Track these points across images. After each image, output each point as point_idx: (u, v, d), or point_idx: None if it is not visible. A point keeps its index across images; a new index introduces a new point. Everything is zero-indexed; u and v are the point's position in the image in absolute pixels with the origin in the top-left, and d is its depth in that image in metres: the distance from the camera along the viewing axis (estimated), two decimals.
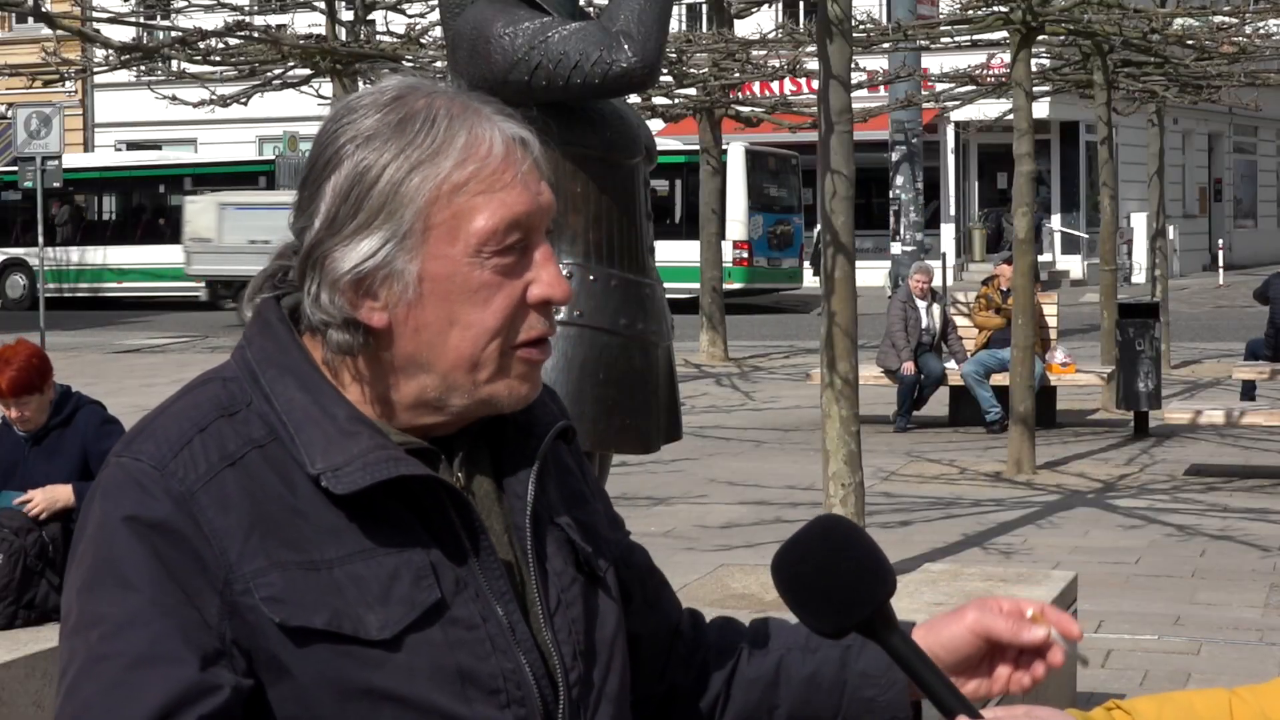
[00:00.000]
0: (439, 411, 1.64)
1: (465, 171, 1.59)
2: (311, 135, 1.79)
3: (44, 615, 5.99)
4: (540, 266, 1.63)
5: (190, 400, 1.63)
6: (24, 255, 33.12)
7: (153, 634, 1.52)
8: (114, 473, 1.59)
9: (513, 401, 1.65)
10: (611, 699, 1.71)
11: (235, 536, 1.55)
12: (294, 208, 1.64)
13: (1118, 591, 8.42)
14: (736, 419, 15.42)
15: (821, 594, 1.66)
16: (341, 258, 1.59)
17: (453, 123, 1.60)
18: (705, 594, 8.48)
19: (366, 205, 1.58)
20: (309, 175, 1.62)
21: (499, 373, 1.63)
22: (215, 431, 1.59)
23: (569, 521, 1.74)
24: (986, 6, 13.70)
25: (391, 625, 1.56)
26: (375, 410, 1.64)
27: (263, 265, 1.70)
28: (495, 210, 1.60)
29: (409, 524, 1.60)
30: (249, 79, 18.33)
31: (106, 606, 1.53)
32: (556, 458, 1.77)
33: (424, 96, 1.62)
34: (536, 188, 1.63)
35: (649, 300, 4.29)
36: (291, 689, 1.56)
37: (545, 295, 1.63)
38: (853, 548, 1.67)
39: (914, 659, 1.66)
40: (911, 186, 18.71)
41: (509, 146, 1.62)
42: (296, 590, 1.55)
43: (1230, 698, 1.76)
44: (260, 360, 1.64)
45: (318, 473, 1.58)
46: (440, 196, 1.59)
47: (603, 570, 1.75)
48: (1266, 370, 13.57)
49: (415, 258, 1.59)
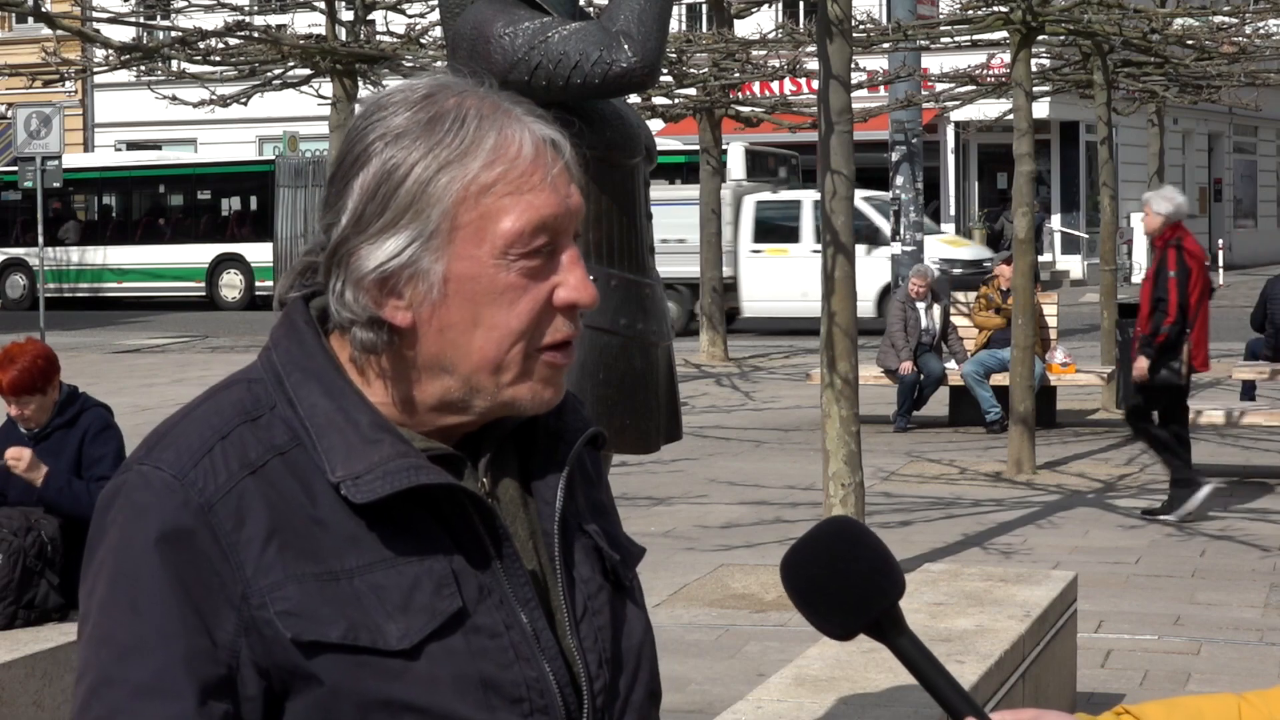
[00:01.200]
0: (462, 412, 1.63)
1: (493, 173, 1.58)
2: (312, 135, 1.79)
3: (44, 615, 5.99)
4: (567, 270, 1.62)
5: (214, 405, 1.62)
6: (24, 255, 33.12)
7: (157, 664, 1.52)
8: (134, 480, 1.58)
9: (535, 405, 1.63)
10: (637, 709, 1.69)
11: (253, 549, 1.54)
12: (323, 204, 1.64)
13: (1118, 591, 8.42)
14: (736, 419, 15.42)
15: (830, 596, 1.66)
16: (367, 256, 1.58)
17: (482, 123, 1.59)
18: (705, 594, 8.49)
19: (393, 204, 1.57)
20: (337, 171, 1.61)
21: (522, 375, 1.61)
22: (237, 438, 1.58)
23: (597, 529, 1.72)
24: (986, 6, 13.69)
25: (412, 635, 1.55)
26: (399, 410, 1.63)
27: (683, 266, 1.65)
28: (522, 212, 1.58)
29: (431, 532, 1.59)
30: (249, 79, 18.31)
31: (118, 628, 1.54)
32: (583, 466, 1.76)
33: (455, 95, 1.61)
34: (566, 190, 1.62)
35: (649, 300, 4.29)
36: (311, 702, 1.55)
37: (572, 299, 1.62)
38: (862, 549, 1.67)
39: (922, 661, 1.65)
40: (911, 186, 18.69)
41: (539, 148, 1.61)
42: (313, 603, 1.54)
43: (1239, 703, 1.76)
44: (285, 363, 1.63)
45: (338, 480, 1.57)
46: (468, 197, 1.58)
47: (629, 579, 1.74)
48: (1266, 370, 13.57)
49: (441, 258, 1.58)
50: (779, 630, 7.61)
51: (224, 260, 33.22)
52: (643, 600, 1.77)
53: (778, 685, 4.72)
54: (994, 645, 5.04)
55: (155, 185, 35.33)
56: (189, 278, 33.30)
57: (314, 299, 1.66)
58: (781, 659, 6.37)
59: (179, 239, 33.79)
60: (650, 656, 1.74)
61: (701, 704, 6.45)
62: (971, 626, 5.26)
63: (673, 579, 8.73)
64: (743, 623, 7.87)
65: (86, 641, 1.56)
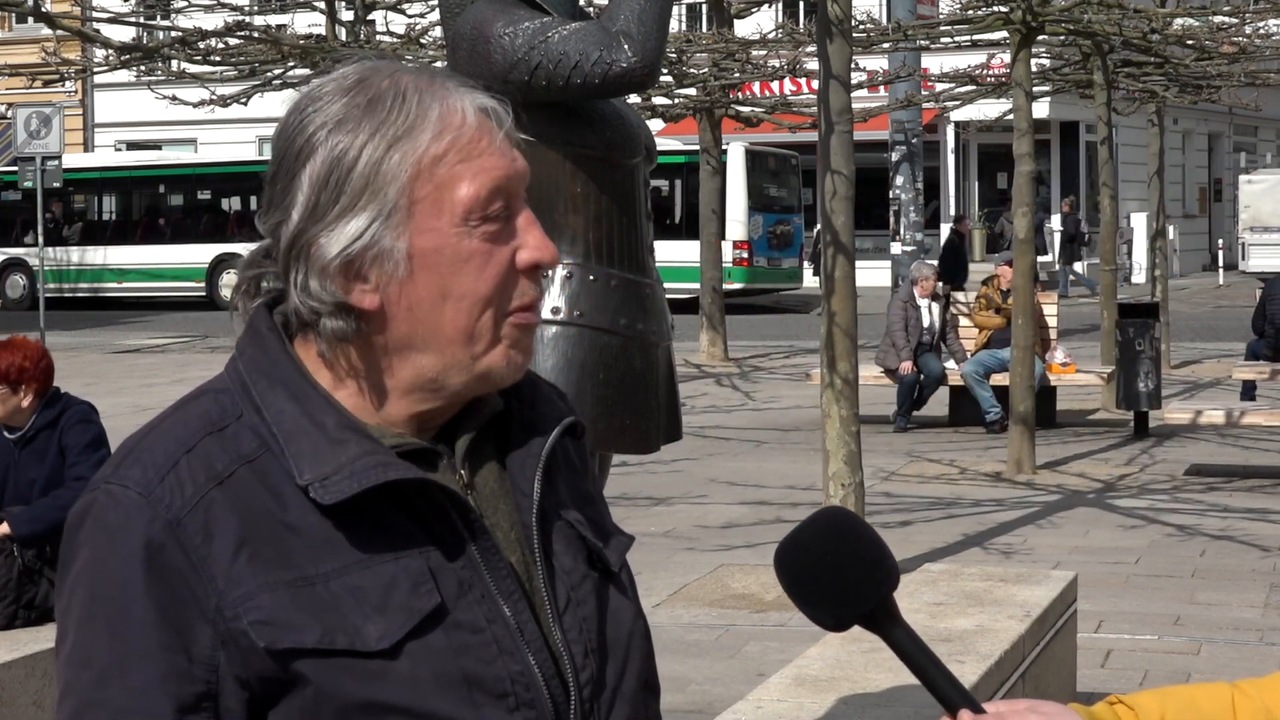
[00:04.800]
0: (436, 394, 1.63)
1: (443, 143, 1.59)
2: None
3: (44, 615, 5.99)
4: (525, 231, 1.63)
5: (179, 418, 1.62)
6: (24, 255, 33.12)
7: (135, 687, 1.53)
8: (102, 499, 1.58)
9: (511, 371, 1.64)
10: (627, 698, 1.69)
11: (223, 561, 1.54)
12: (264, 208, 1.63)
13: (1118, 591, 8.42)
14: (736, 419, 15.42)
15: (824, 587, 1.65)
16: (328, 243, 1.58)
17: (423, 97, 1.60)
18: (705, 594, 8.49)
19: (348, 188, 1.58)
20: (278, 171, 1.61)
21: (494, 342, 1.62)
22: (203, 451, 1.58)
23: (578, 518, 1.72)
24: (986, 6, 13.70)
25: (391, 634, 1.55)
26: (372, 400, 1.62)
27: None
28: (476, 176, 1.60)
29: (406, 529, 1.59)
30: (249, 79, 18.33)
31: (96, 650, 1.54)
32: (565, 455, 1.76)
33: (387, 76, 1.62)
34: (511, 154, 1.63)
35: (649, 300, 4.29)
36: (294, 709, 1.55)
37: (534, 259, 1.62)
38: (855, 540, 1.66)
39: (916, 651, 1.65)
40: (911, 186, 18.70)
41: (480, 116, 1.62)
42: (285, 611, 1.53)
43: (1233, 691, 1.76)
44: (251, 371, 1.62)
45: (306, 483, 1.56)
46: (422, 170, 1.58)
47: (616, 566, 1.73)
48: (1266, 370, 13.57)
49: (403, 234, 1.58)
50: (779, 630, 7.61)
51: (224, 260, 33.21)
52: (634, 589, 1.76)
53: (778, 685, 4.72)
54: (994, 645, 5.04)
55: (155, 185, 35.33)
56: (189, 278, 33.29)
57: (276, 306, 1.65)
58: (781, 659, 6.37)
59: (179, 239, 33.79)
60: (641, 646, 1.73)
61: (701, 704, 6.45)
62: (971, 626, 5.26)
63: (673, 579, 8.73)
64: (743, 623, 7.87)
65: (66, 662, 1.57)
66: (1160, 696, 1.77)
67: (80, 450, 6.16)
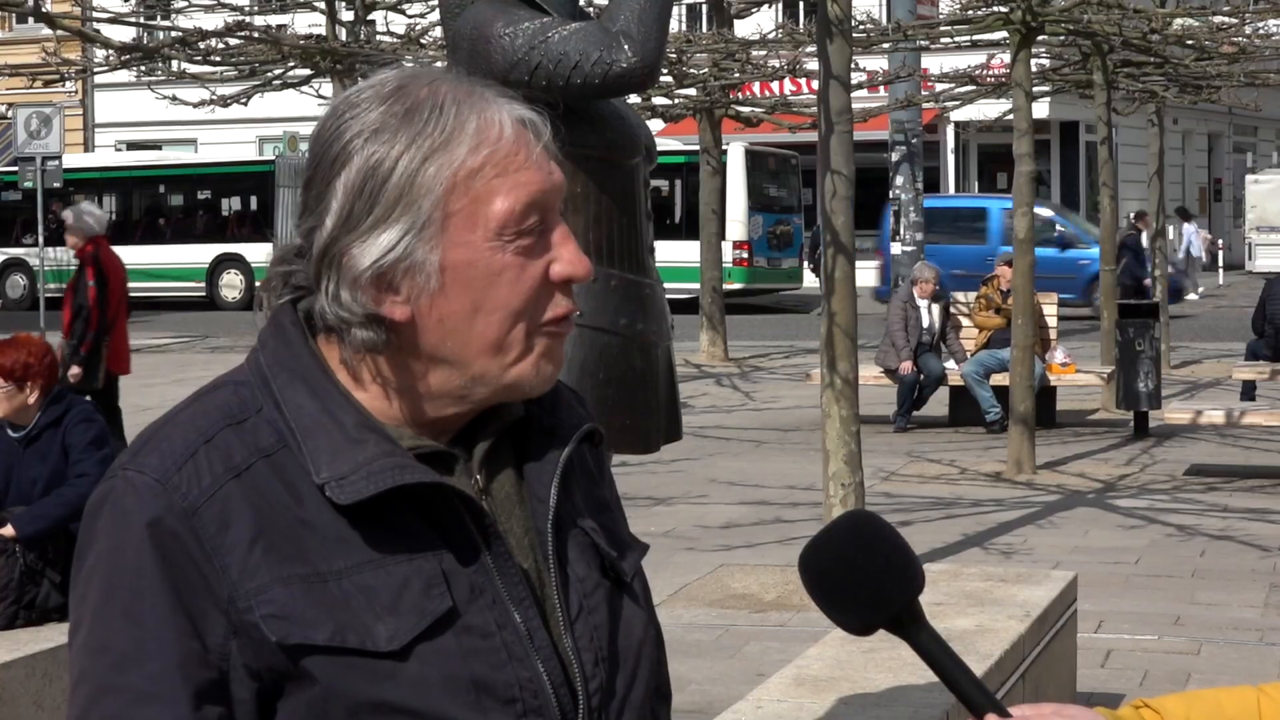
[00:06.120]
0: (462, 401, 1.62)
1: (480, 156, 1.57)
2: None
3: (44, 615, 5.99)
4: (560, 245, 1.62)
5: (199, 408, 1.62)
6: (24, 255, 33.11)
7: (153, 671, 1.52)
8: (120, 486, 1.58)
9: (540, 382, 1.63)
10: (635, 708, 1.68)
11: (238, 552, 1.54)
12: (300, 211, 1.62)
13: (1118, 591, 8.42)
14: (736, 419, 15.42)
15: (850, 591, 1.64)
16: (360, 254, 1.56)
17: (461, 108, 1.58)
18: (705, 594, 8.49)
19: (382, 198, 1.56)
20: (314, 175, 1.60)
21: (525, 353, 1.60)
22: (221, 442, 1.58)
23: (593, 526, 1.71)
24: (986, 6, 13.69)
25: (401, 635, 1.54)
26: (398, 407, 1.61)
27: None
28: (512, 191, 1.58)
29: (421, 531, 1.58)
30: (249, 79, 18.32)
31: (113, 636, 1.54)
32: (582, 462, 1.75)
33: (426, 85, 1.60)
34: (548, 167, 1.62)
35: (649, 300, 4.29)
36: (302, 704, 1.55)
37: (568, 273, 1.62)
38: (881, 544, 1.65)
39: (942, 656, 1.64)
40: (911, 186, 18.70)
41: (518, 128, 1.60)
42: (298, 605, 1.53)
43: (1259, 695, 1.76)
44: (272, 365, 1.62)
45: (322, 482, 1.56)
46: (458, 184, 1.57)
47: (629, 575, 1.72)
48: (1266, 370, 13.57)
49: (436, 247, 1.57)
50: (779, 630, 7.61)
51: (224, 260, 33.23)
52: (648, 598, 1.75)
53: (778, 685, 4.72)
54: (994, 645, 5.04)
55: (155, 185, 35.33)
56: (189, 278, 33.29)
57: (300, 301, 1.65)
58: (781, 659, 6.37)
59: (179, 239, 33.80)
60: (652, 655, 1.72)
61: (701, 704, 6.45)
62: (971, 626, 5.26)
63: (673, 579, 8.73)
64: (743, 623, 7.87)
65: (81, 649, 1.57)
66: (1186, 700, 1.77)
67: (83, 448, 6.17)
